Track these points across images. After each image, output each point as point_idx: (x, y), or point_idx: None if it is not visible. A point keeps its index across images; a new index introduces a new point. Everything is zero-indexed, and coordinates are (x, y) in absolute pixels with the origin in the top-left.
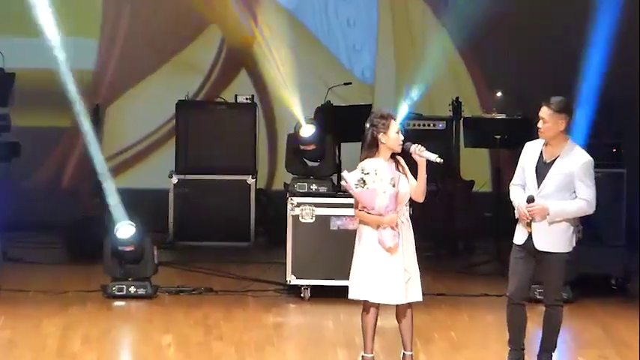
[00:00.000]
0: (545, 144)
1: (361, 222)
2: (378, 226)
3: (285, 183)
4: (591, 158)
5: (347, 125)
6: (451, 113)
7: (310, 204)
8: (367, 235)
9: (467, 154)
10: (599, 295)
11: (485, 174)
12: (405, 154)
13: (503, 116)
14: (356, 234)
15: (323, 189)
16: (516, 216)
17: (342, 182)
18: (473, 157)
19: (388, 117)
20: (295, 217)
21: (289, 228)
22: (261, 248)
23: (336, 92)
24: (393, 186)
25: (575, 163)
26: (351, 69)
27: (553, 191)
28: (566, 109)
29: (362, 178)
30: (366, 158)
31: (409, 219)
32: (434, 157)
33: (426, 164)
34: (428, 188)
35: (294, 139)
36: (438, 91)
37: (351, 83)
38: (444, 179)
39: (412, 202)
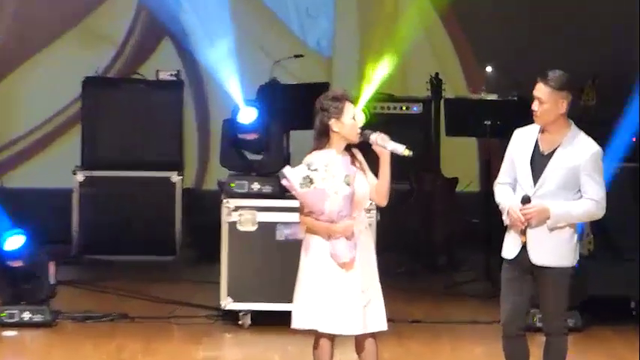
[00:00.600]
0: (542, 131)
1: (308, 231)
2: (329, 236)
3: (219, 181)
4: (600, 148)
5: (298, 108)
6: (429, 93)
7: (251, 208)
8: (316, 247)
9: (449, 144)
10: (615, 321)
11: (472, 169)
12: (364, 145)
13: (494, 97)
14: (302, 246)
15: (267, 189)
16: (505, 222)
17: (284, 181)
18: (456, 148)
19: (342, 98)
20: (232, 225)
21: (224, 238)
22: (190, 263)
23: (285, 67)
24: (348, 185)
25: (581, 154)
26: (303, 38)
27: (554, 189)
28: (568, 86)
29: (308, 176)
30: (314, 150)
31: (369, 227)
32: (401, 149)
33: (392, 158)
34: (400, 188)
35: (231, 125)
36: (414, 66)
37: (302, 56)
38: (419, 176)
39: (380, 206)
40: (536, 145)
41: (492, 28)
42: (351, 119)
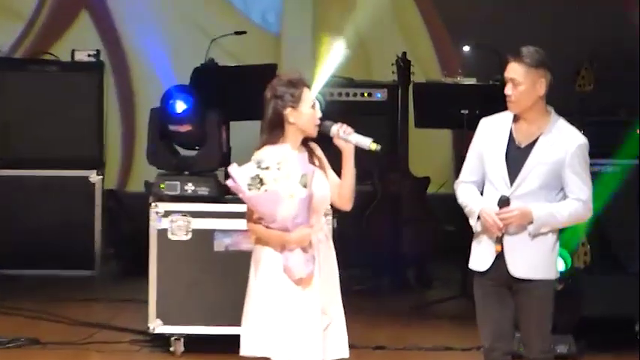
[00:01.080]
0: (516, 119)
1: (258, 241)
2: (283, 248)
3: (146, 182)
4: (586, 140)
5: (240, 95)
6: (395, 77)
7: (185, 213)
8: (267, 260)
9: (419, 137)
10: (616, 348)
11: (447, 167)
12: (324, 138)
13: (472, 82)
14: (251, 259)
15: (204, 190)
16: (475, 229)
17: (229, 182)
18: (428, 142)
19: (299, 83)
20: (162, 233)
21: (153, 249)
22: (112, 279)
23: (224, 46)
24: (305, 186)
25: (564, 146)
26: (246, 12)
27: (535, 189)
28: (545, 63)
29: (258, 176)
30: (265, 145)
31: (330, 236)
32: (366, 143)
33: (356, 153)
34: (361, 190)
35: (160, 115)
36: (377, 45)
37: (245, 32)
38: (384, 176)
39: (336, 211)
40: (511, 137)
41: (470, 1)
42: (309, 108)
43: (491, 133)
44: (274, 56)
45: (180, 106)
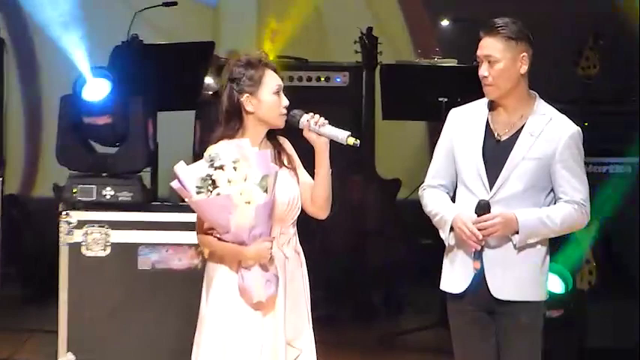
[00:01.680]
0: (493, 108)
1: (210, 257)
2: (239, 265)
3: (55, 185)
4: (579, 129)
5: (170, 80)
6: (359, 58)
7: (102, 223)
8: (220, 280)
9: (388, 130)
10: None
11: (421, 167)
12: (293, 131)
13: (453, 63)
14: (203, 280)
15: (126, 196)
16: (448, 242)
17: (174, 183)
18: (398, 136)
19: (259, 65)
20: (75, 248)
21: (63, 267)
22: (12, 304)
23: (150, 20)
24: (265, 191)
25: (554, 136)
26: None
27: (520, 191)
28: (526, 35)
29: (209, 176)
30: (221, 140)
31: (301, 251)
32: (342, 136)
33: (309, 149)
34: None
35: (73, 105)
36: (336, 19)
37: (176, 3)
38: (344, 178)
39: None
40: (488, 129)
41: None
42: (271, 94)
43: (464, 126)
44: (212, 32)
45: (96, 94)
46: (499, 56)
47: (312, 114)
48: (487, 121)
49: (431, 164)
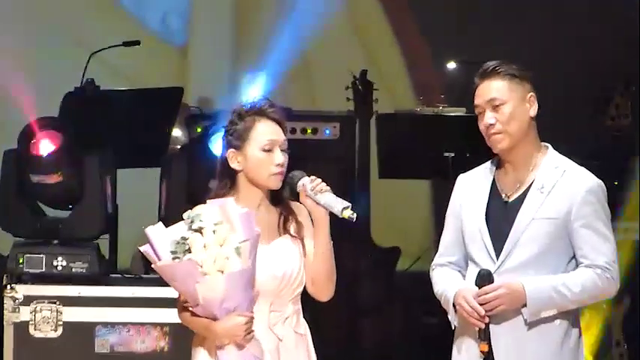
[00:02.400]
0: (501, 165)
1: (195, 338)
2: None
3: None
4: (600, 181)
5: (131, 132)
6: (351, 107)
7: (53, 299)
8: None
9: (385, 191)
10: None
11: (424, 234)
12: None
13: (460, 112)
14: None
15: (80, 267)
16: (453, 323)
17: (144, 247)
18: (398, 197)
19: (250, 113)
20: (21, 328)
21: (8, 350)
22: None
23: (108, 62)
24: (239, 257)
25: (570, 192)
26: (140, 15)
27: (532, 257)
28: (528, 74)
29: (184, 240)
30: (214, 198)
31: (305, 331)
32: (338, 207)
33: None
34: None
35: (18, 160)
36: (326, 62)
37: (138, 43)
38: (336, 246)
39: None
40: (494, 190)
41: (459, 6)
42: (259, 150)
43: (470, 191)
44: (179, 76)
45: (45, 148)
46: (505, 97)
47: (312, 178)
48: (493, 181)
49: (441, 239)
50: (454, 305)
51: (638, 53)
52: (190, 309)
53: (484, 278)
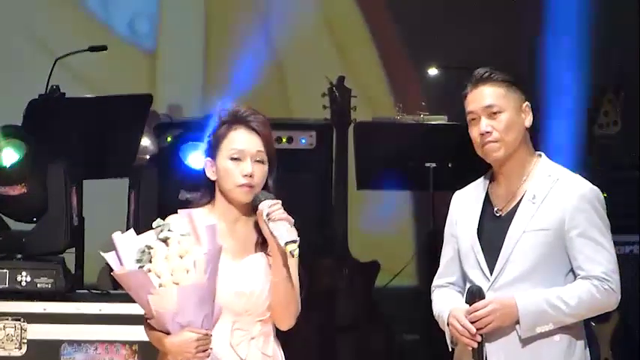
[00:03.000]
0: (493, 177)
1: (160, 355)
2: None
3: None
4: (595, 187)
5: (98, 141)
6: (328, 115)
7: (17, 316)
8: None
9: (363, 202)
10: None
11: (404, 247)
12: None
13: (442, 120)
14: None
15: (45, 283)
16: (451, 346)
17: (107, 254)
18: (376, 209)
19: (226, 120)
20: None
21: None
22: None
23: (74, 68)
24: (193, 271)
25: (563, 199)
26: (106, 19)
27: (526, 271)
28: (523, 82)
29: (149, 248)
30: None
31: (275, 353)
32: (283, 239)
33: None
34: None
35: None
36: (302, 68)
37: (105, 48)
38: (312, 261)
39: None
40: (486, 203)
41: (443, 7)
42: (227, 159)
43: (463, 207)
44: (148, 82)
45: (8, 158)
46: (503, 105)
47: (273, 202)
48: (486, 195)
49: (441, 259)
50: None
51: (638, 54)
52: (148, 321)
53: (474, 295)
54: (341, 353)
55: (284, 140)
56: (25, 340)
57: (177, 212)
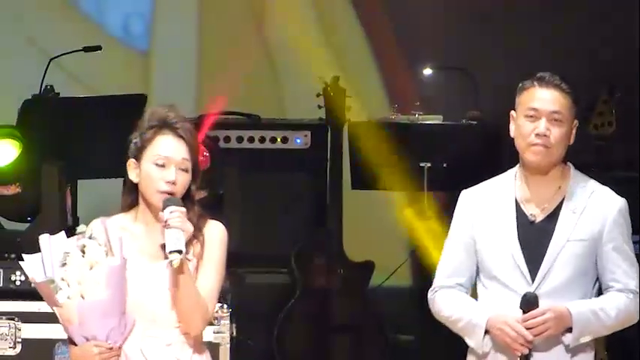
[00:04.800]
0: (520, 183)
1: None
2: None
3: None
4: (625, 200)
5: (92, 141)
6: (322, 115)
7: (11, 315)
8: None
9: (358, 202)
10: None
11: (399, 247)
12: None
13: (437, 120)
14: None
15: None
16: (481, 350)
17: (28, 257)
18: (371, 209)
19: (154, 124)
20: None
21: None
22: None
23: (68, 68)
24: (98, 284)
25: (600, 212)
26: (100, 20)
27: (568, 280)
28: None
29: (66, 254)
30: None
31: None
32: (169, 247)
33: (267, 220)
34: (273, 282)
35: None
36: (296, 68)
37: (99, 48)
38: (306, 261)
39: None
40: (518, 210)
41: (436, 7)
42: (152, 164)
43: (486, 209)
44: (141, 82)
45: (2, 158)
46: (567, 116)
47: (173, 209)
48: (515, 200)
49: (444, 260)
50: (486, 331)
51: (638, 55)
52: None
53: (531, 302)
54: (335, 353)
55: (279, 140)
56: (20, 340)
57: None
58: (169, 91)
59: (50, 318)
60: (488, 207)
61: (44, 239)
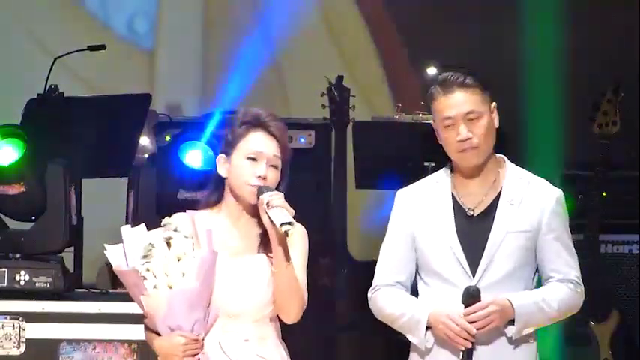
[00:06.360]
0: (456, 179)
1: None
2: None
3: None
4: (560, 190)
5: (97, 141)
6: (327, 114)
7: (16, 315)
8: None
9: (362, 202)
10: None
11: None
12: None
13: None
14: None
15: (44, 282)
16: (424, 346)
17: (110, 247)
18: (375, 209)
19: (247, 121)
20: None
21: None
22: None
23: (73, 67)
24: (183, 276)
25: (538, 202)
26: (105, 19)
27: (509, 272)
28: (491, 81)
29: (151, 245)
30: (204, 209)
31: (273, 357)
32: (279, 221)
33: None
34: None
35: None
36: (300, 67)
37: (104, 47)
38: (312, 260)
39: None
40: (455, 204)
41: (438, 6)
42: (245, 158)
43: (424, 207)
44: (147, 81)
45: (7, 157)
46: (481, 110)
47: (273, 192)
48: (452, 195)
49: (382, 260)
50: (428, 326)
51: (639, 55)
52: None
53: (473, 295)
54: (340, 353)
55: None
56: (24, 339)
57: (183, 210)
58: (174, 90)
59: (55, 317)
60: (426, 204)
61: (126, 231)
